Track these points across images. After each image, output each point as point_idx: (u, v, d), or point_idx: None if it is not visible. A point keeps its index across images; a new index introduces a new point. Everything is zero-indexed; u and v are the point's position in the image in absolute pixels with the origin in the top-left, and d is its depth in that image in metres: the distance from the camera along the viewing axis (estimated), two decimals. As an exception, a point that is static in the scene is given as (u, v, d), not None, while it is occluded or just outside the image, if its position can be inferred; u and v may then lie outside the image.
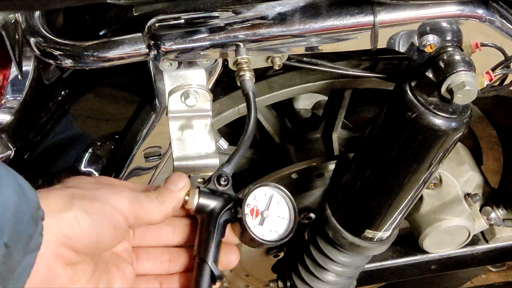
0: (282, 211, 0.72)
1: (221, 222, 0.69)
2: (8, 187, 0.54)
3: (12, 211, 0.53)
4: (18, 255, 0.54)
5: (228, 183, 0.70)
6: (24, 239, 0.54)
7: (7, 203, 0.53)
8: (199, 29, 0.79)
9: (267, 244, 0.70)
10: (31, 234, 0.55)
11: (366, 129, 1.45)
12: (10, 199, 0.53)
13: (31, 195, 0.56)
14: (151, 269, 0.71)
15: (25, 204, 0.55)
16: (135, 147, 1.02)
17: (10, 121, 0.92)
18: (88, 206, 0.61)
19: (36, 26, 0.80)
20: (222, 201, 0.69)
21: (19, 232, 0.54)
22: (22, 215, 0.54)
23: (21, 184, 0.56)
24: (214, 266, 0.67)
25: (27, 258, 0.55)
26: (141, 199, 0.66)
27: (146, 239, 0.72)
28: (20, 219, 0.54)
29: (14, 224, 0.53)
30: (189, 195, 0.69)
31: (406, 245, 1.36)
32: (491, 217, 1.28)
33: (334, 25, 0.80)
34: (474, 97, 0.80)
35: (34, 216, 0.56)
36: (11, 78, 0.90)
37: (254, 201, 0.71)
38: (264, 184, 0.72)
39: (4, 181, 0.54)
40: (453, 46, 0.82)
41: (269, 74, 1.08)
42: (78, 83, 0.98)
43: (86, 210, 0.60)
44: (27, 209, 0.55)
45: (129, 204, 0.64)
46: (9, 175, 0.55)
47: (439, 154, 0.89)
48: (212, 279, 0.67)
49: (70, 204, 0.60)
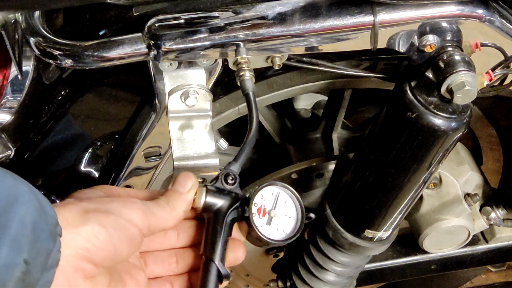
0: (289, 211, 0.72)
1: (228, 221, 0.69)
2: (27, 204, 0.54)
3: (30, 228, 0.53)
4: (37, 272, 0.54)
5: (235, 181, 0.70)
6: (43, 256, 0.54)
7: (25, 220, 0.53)
8: (199, 29, 0.79)
9: (274, 243, 0.70)
10: (49, 250, 0.55)
11: (366, 129, 1.45)
12: (29, 216, 0.54)
13: (50, 211, 0.57)
14: (160, 272, 0.72)
15: (43, 221, 0.55)
16: (135, 147, 1.02)
17: (10, 121, 0.92)
18: (103, 220, 0.61)
19: (36, 26, 0.80)
20: (229, 200, 0.69)
21: (38, 249, 0.54)
22: (41, 232, 0.54)
23: (40, 201, 0.56)
24: (221, 265, 0.67)
25: (46, 275, 0.55)
26: (153, 208, 0.66)
27: (152, 245, 0.72)
28: (38, 236, 0.54)
29: (33, 241, 0.53)
30: (196, 193, 0.69)
31: (406, 245, 1.36)
32: (491, 217, 1.28)
33: (334, 25, 0.80)
34: (474, 97, 0.80)
35: (53, 233, 0.56)
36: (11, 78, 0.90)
37: (261, 200, 0.71)
38: (271, 183, 0.72)
39: (24, 197, 0.54)
40: (453, 46, 0.82)
41: (269, 74, 1.08)
42: (78, 83, 0.98)
43: (102, 224, 0.60)
44: (46, 226, 0.55)
45: (142, 216, 0.64)
46: (29, 191, 0.55)
47: (439, 154, 0.89)
48: (219, 278, 0.66)
49: (86, 218, 0.60)
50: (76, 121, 1.04)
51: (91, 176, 1.10)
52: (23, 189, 0.55)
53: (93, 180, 1.10)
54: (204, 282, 0.66)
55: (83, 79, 0.98)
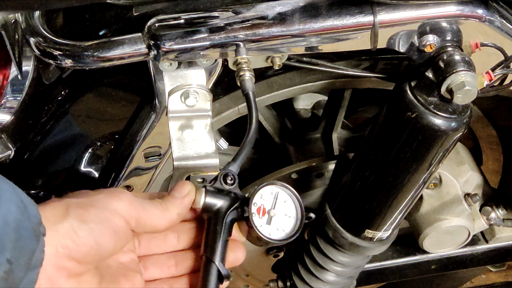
0: (289, 210, 0.72)
1: (228, 221, 0.68)
2: (9, 203, 0.54)
3: (13, 227, 0.53)
4: (20, 271, 0.53)
5: (234, 182, 0.70)
6: (26, 255, 0.54)
7: (8, 219, 0.53)
8: (199, 29, 0.79)
9: (274, 243, 0.70)
10: (33, 250, 0.55)
11: (366, 129, 1.45)
12: (12, 214, 0.53)
13: (33, 211, 0.56)
14: (159, 274, 0.71)
15: (26, 220, 0.54)
16: (135, 147, 1.02)
17: (10, 121, 0.92)
18: (83, 214, 0.60)
19: (36, 26, 0.80)
20: (228, 200, 0.69)
21: (21, 248, 0.53)
22: (23, 231, 0.54)
23: (23, 200, 0.56)
24: (221, 265, 0.67)
25: (29, 275, 0.55)
26: (144, 203, 0.65)
27: (152, 248, 0.71)
28: (21, 235, 0.53)
29: (16, 240, 0.53)
30: (196, 194, 0.69)
31: (406, 245, 1.36)
32: (491, 217, 1.28)
33: (334, 25, 0.80)
34: (474, 97, 0.80)
35: (36, 232, 0.55)
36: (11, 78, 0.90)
37: (261, 200, 0.71)
38: (271, 183, 0.72)
39: (6, 195, 0.54)
40: (453, 46, 0.82)
41: (269, 74, 1.08)
42: (78, 83, 0.98)
43: (81, 218, 0.59)
44: (29, 225, 0.55)
45: (128, 206, 0.63)
46: (11, 190, 0.55)
47: (439, 154, 0.89)
48: (219, 279, 0.66)
49: (65, 214, 0.59)
50: (76, 121, 1.04)
51: (91, 176, 1.10)
52: (5, 188, 0.55)
53: (93, 180, 1.10)
54: (205, 283, 0.66)
55: (83, 79, 0.98)
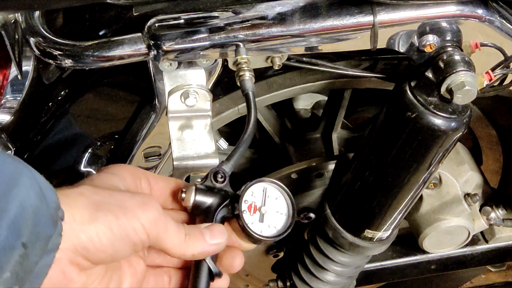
0: (280, 207, 0.72)
1: (218, 218, 0.68)
2: (28, 189, 0.53)
3: (30, 213, 0.53)
4: (36, 256, 0.54)
5: (225, 179, 0.70)
6: (42, 240, 0.54)
7: (25, 204, 0.53)
8: (199, 29, 0.79)
9: (265, 240, 0.69)
10: (49, 235, 0.55)
11: (366, 129, 1.45)
12: (29, 200, 0.53)
13: (51, 196, 0.56)
14: (160, 261, 0.71)
15: (44, 206, 0.54)
16: (135, 147, 1.02)
17: (10, 121, 0.92)
18: (112, 222, 0.59)
19: (36, 26, 0.80)
20: (219, 198, 0.69)
21: (37, 234, 0.53)
22: (41, 217, 0.54)
23: (41, 185, 0.55)
24: (211, 263, 0.66)
25: (45, 259, 0.55)
26: (169, 223, 0.63)
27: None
28: (38, 220, 0.53)
29: (32, 225, 0.53)
30: (186, 192, 0.68)
31: (406, 245, 1.36)
32: (491, 217, 1.28)
33: (333, 25, 0.80)
34: (474, 97, 0.80)
35: (54, 217, 0.55)
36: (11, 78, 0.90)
37: (251, 197, 0.70)
38: (260, 180, 0.72)
39: (24, 181, 0.54)
40: (452, 46, 0.82)
41: (269, 74, 1.08)
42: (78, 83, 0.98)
43: (109, 226, 0.59)
44: (47, 211, 0.54)
45: (154, 223, 0.61)
46: (30, 175, 0.55)
47: (438, 154, 0.89)
48: (210, 276, 0.66)
49: (94, 217, 0.58)
50: (76, 121, 1.04)
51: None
52: (24, 172, 0.54)
53: (93, 180, 1.09)
54: (195, 280, 0.66)
55: (83, 79, 0.98)
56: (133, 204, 0.61)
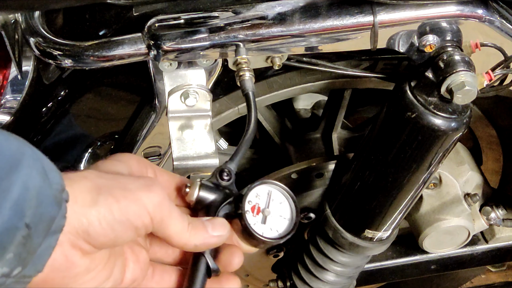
0: (284, 211, 0.71)
1: (220, 215, 0.68)
2: (31, 168, 0.52)
3: (34, 193, 0.52)
4: (39, 237, 0.53)
5: (230, 178, 0.70)
6: (46, 221, 0.53)
7: (28, 185, 0.52)
8: (199, 29, 0.79)
9: (266, 241, 0.69)
10: (53, 216, 0.54)
11: (366, 129, 1.45)
12: (32, 180, 0.52)
13: (55, 177, 0.55)
14: (161, 256, 0.70)
15: (47, 186, 0.53)
16: (135, 147, 1.02)
17: (10, 121, 0.92)
18: (113, 205, 0.58)
19: (36, 26, 0.80)
20: (222, 195, 0.68)
21: (41, 215, 0.52)
22: (44, 197, 0.53)
23: (45, 166, 0.54)
24: (210, 258, 0.66)
25: (48, 240, 0.54)
26: (173, 209, 0.62)
27: None
28: (41, 201, 0.52)
29: (36, 206, 0.52)
30: (190, 187, 0.68)
31: (406, 245, 1.36)
32: (491, 217, 1.28)
33: (333, 25, 0.80)
34: (474, 97, 0.80)
35: (57, 198, 0.54)
36: (11, 78, 0.90)
37: (256, 198, 0.70)
38: (266, 182, 0.71)
39: (27, 161, 0.53)
40: (453, 46, 0.82)
41: (269, 74, 1.08)
42: (78, 83, 0.98)
43: (110, 209, 0.58)
44: (50, 191, 0.53)
45: (158, 206, 0.60)
46: (33, 155, 0.54)
47: (438, 154, 0.89)
48: (207, 272, 0.66)
49: (95, 200, 0.57)
50: (76, 121, 1.04)
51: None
52: (28, 152, 0.53)
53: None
54: (192, 276, 0.65)
55: (83, 79, 0.98)
56: (136, 187, 0.60)
